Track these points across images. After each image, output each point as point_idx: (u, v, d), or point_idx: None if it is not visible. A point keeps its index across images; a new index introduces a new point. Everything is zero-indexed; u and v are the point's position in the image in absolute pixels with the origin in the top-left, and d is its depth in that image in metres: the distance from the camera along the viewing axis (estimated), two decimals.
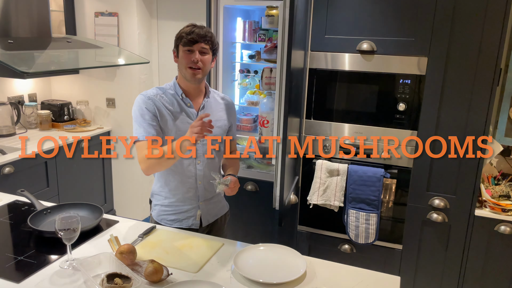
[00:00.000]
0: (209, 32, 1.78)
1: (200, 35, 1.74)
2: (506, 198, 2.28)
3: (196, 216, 1.90)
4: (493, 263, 2.26)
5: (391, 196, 2.37)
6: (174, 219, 1.90)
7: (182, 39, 1.76)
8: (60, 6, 3.53)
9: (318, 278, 1.47)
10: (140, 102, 1.80)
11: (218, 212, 2.01)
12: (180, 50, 1.78)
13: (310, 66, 2.38)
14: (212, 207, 1.95)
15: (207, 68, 1.80)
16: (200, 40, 1.74)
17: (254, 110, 2.92)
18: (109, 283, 1.29)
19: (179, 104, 1.84)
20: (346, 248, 2.50)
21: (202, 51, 1.76)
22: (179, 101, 1.84)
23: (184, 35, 1.75)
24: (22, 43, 2.85)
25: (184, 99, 1.84)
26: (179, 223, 1.90)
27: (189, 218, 1.90)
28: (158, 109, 1.80)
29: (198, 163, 1.86)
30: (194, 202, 1.89)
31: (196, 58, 1.74)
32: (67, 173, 3.28)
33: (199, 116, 1.63)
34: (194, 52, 1.75)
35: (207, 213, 1.93)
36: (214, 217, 1.98)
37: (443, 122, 2.21)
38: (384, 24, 2.21)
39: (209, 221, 1.95)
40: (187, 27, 1.78)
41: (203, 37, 1.75)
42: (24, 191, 1.95)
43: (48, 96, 3.81)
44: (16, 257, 1.53)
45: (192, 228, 1.89)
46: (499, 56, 2.06)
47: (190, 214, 1.90)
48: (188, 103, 1.84)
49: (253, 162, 2.70)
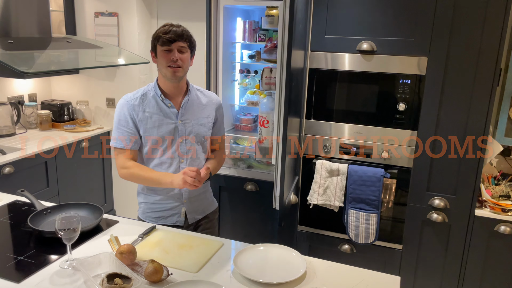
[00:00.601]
0: (186, 31, 1.81)
1: (177, 33, 1.76)
2: (506, 198, 2.28)
3: (180, 213, 1.93)
4: (493, 263, 2.26)
5: (391, 196, 2.37)
6: (158, 216, 1.93)
7: (159, 39, 1.77)
8: (60, 6, 3.53)
9: (318, 278, 1.47)
10: (118, 106, 1.87)
11: (206, 209, 2.03)
12: (158, 50, 1.80)
13: (310, 66, 2.38)
14: (198, 205, 1.98)
15: (187, 66, 1.83)
16: (178, 39, 1.76)
17: (254, 110, 2.92)
18: (109, 284, 1.29)
19: (159, 106, 1.86)
20: (346, 248, 2.50)
21: (180, 50, 1.79)
22: (159, 102, 1.86)
23: (161, 34, 1.77)
24: (22, 43, 2.85)
25: (164, 100, 1.86)
26: (163, 220, 1.93)
27: (173, 215, 1.93)
28: (136, 113, 1.84)
29: (182, 161, 1.89)
30: (178, 200, 1.92)
31: (175, 56, 1.77)
32: (67, 173, 3.28)
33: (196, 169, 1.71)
34: (173, 51, 1.77)
35: (192, 211, 1.96)
36: (202, 214, 2.01)
37: (443, 122, 2.21)
38: (384, 24, 2.21)
39: (196, 218, 1.98)
40: (163, 27, 1.79)
41: (181, 35, 1.77)
42: (24, 191, 1.95)
43: (48, 96, 3.81)
44: (16, 257, 1.53)
45: (176, 225, 1.92)
46: (499, 56, 2.06)
47: (174, 212, 1.93)
48: (168, 103, 1.86)
49: (253, 162, 2.70)
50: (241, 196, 2.64)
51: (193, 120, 1.89)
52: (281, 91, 1.91)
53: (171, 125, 1.86)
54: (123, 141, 1.83)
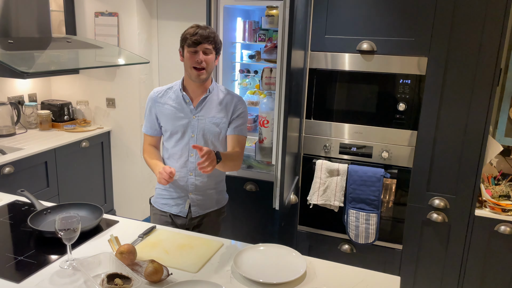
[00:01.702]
0: (212, 33, 1.88)
1: (203, 36, 1.84)
2: (506, 198, 2.28)
3: (185, 205, 2.01)
4: (493, 263, 2.26)
5: (391, 196, 2.37)
6: (165, 203, 2.04)
7: (186, 40, 1.86)
8: (60, 6, 3.53)
9: (318, 278, 1.48)
10: (148, 98, 2.04)
11: (210, 206, 2.06)
12: (185, 51, 1.89)
13: (310, 66, 2.38)
14: (202, 199, 2.03)
15: (211, 68, 1.91)
16: (203, 41, 1.84)
17: (254, 110, 2.92)
18: (109, 284, 1.29)
19: (179, 101, 1.97)
20: (346, 248, 2.50)
21: (205, 51, 1.86)
22: (179, 97, 1.97)
23: (188, 36, 1.85)
24: (22, 43, 2.85)
25: (184, 96, 1.96)
26: (168, 207, 2.04)
27: (178, 205, 2.02)
28: (159, 107, 1.98)
29: (191, 155, 1.97)
30: (185, 192, 2.00)
31: (200, 58, 1.85)
32: (67, 173, 3.28)
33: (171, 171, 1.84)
34: (198, 53, 1.85)
35: (196, 205, 2.02)
36: (205, 210, 2.05)
37: (443, 122, 2.21)
38: (384, 24, 2.21)
39: (199, 213, 2.04)
40: (191, 28, 1.88)
41: (207, 38, 1.84)
42: (24, 191, 1.96)
43: (48, 96, 3.81)
44: (16, 257, 1.53)
45: (179, 215, 2.02)
46: (499, 56, 2.06)
47: (179, 202, 2.02)
48: (187, 99, 1.96)
49: (253, 162, 2.70)
50: (241, 196, 2.64)
51: (207, 118, 1.95)
52: (281, 91, 1.91)
53: (186, 120, 1.95)
54: (145, 127, 2.06)
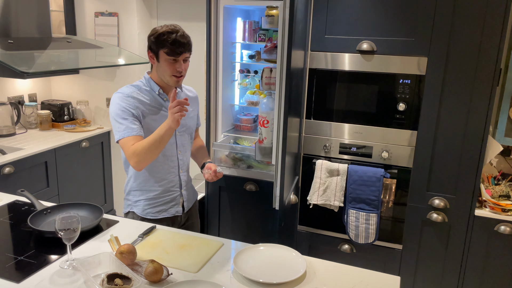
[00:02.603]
0: (189, 39, 1.84)
1: (183, 44, 1.78)
2: (506, 198, 2.28)
3: (179, 203, 2.03)
4: (493, 263, 2.26)
5: (391, 196, 2.37)
6: (160, 210, 1.99)
7: (164, 46, 1.76)
8: (60, 6, 3.53)
9: (318, 278, 1.48)
10: (118, 100, 1.81)
11: (193, 197, 2.16)
12: (162, 56, 1.80)
13: (310, 66, 2.38)
14: (190, 193, 2.11)
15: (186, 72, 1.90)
16: (184, 50, 1.80)
17: (254, 110, 2.92)
18: (109, 284, 1.29)
19: (156, 100, 1.91)
20: (346, 248, 2.50)
21: (185, 59, 1.84)
22: (156, 96, 1.91)
23: (167, 44, 1.76)
24: (22, 43, 2.85)
25: (161, 94, 1.92)
26: (165, 213, 2.00)
27: (173, 206, 2.02)
28: (138, 107, 1.83)
29: (179, 152, 1.98)
30: (177, 190, 2.01)
31: (181, 68, 1.82)
32: (67, 173, 3.28)
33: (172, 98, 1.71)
34: (178, 61, 1.81)
35: (187, 199, 2.07)
36: (191, 202, 2.13)
37: (443, 122, 2.21)
38: (384, 24, 2.21)
39: (188, 206, 2.09)
40: (167, 32, 1.77)
41: (187, 45, 1.80)
42: (24, 191, 1.96)
43: (48, 96, 3.81)
44: (16, 257, 1.53)
45: (176, 215, 2.02)
46: (499, 56, 2.06)
47: (174, 202, 2.02)
48: (164, 97, 1.93)
49: (253, 162, 2.69)
50: (241, 196, 2.64)
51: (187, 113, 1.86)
52: (281, 91, 1.91)
53: None
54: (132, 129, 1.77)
